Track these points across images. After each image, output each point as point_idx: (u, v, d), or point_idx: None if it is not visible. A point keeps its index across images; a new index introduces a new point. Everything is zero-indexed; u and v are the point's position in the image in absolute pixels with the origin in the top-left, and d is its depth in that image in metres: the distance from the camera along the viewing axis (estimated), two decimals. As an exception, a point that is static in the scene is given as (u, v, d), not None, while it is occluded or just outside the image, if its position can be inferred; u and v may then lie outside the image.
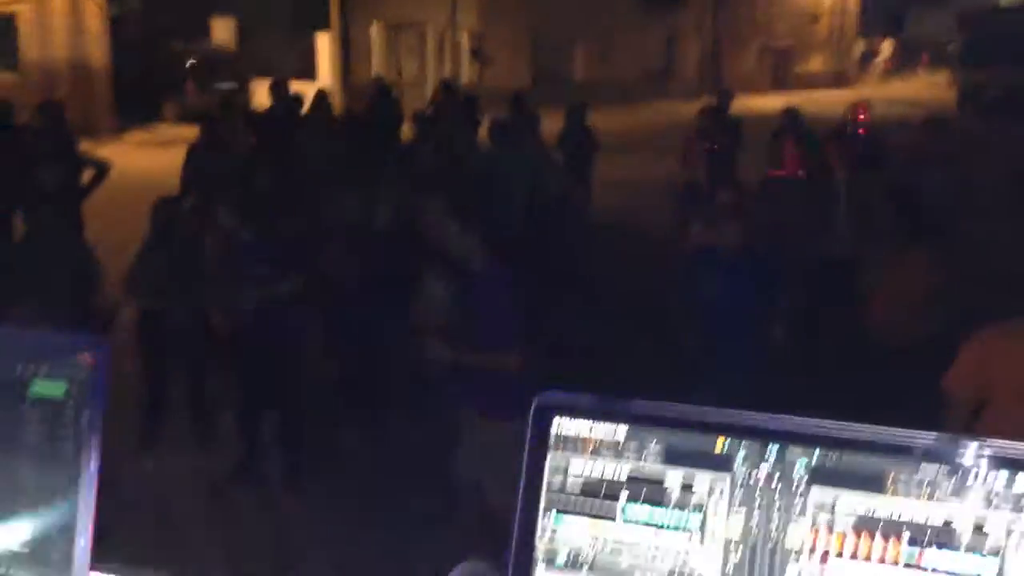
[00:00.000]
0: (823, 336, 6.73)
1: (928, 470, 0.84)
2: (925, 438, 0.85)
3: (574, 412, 0.94)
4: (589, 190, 10.37)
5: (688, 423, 0.91)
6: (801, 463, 0.88)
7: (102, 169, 8.41)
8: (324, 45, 25.88)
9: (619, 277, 8.83)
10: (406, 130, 11.08)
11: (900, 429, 0.85)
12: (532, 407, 0.94)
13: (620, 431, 0.93)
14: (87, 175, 8.40)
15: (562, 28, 27.28)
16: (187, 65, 23.39)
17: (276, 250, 5.75)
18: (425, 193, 5.25)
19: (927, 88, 29.70)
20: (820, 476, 0.87)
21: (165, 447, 6.11)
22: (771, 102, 14.07)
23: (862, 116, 9.56)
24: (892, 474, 0.85)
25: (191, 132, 10.27)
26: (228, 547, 5.22)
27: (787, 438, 0.88)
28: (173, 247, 5.94)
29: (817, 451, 0.87)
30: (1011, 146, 13.76)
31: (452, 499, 5.07)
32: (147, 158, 16.69)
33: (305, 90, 11.88)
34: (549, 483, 0.94)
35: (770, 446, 0.89)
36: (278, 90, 10.44)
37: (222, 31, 25.80)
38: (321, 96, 10.91)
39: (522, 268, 4.62)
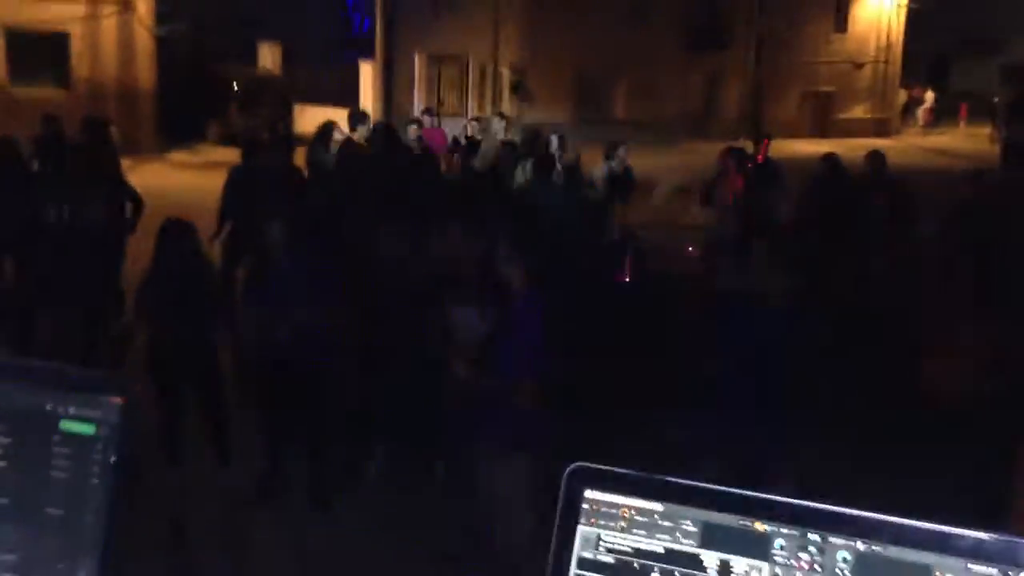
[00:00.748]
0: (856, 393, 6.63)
1: (976, 570, 0.81)
2: (973, 536, 0.82)
3: (608, 485, 0.92)
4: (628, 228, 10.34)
5: (727, 503, 0.89)
6: (843, 554, 0.85)
7: (137, 202, 8.48)
8: (367, 74, 26.16)
9: (652, 317, 8.77)
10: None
11: (947, 526, 0.82)
12: (564, 478, 0.92)
13: (655, 507, 0.91)
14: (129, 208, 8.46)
15: (604, 66, 27.42)
16: (232, 88, 23.72)
17: (315, 278, 5.72)
18: (470, 220, 5.23)
19: (969, 140, 29.51)
20: (862, 568, 0.84)
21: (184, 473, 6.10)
22: (811, 148, 14.02)
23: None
24: (937, 571, 0.82)
25: (233, 154, 10.37)
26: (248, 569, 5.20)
27: (830, 526, 0.85)
28: (180, 270, 5.67)
29: (860, 542, 0.84)
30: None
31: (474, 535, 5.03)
32: (187, 178, 16.90)
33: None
34: (579, 557, 0.92)
35: (812, 534, 0.86)
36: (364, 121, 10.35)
37: (268, 56, 26.18)
38: (383, 127, 10.99)
39: (558, 298, 4.60)
